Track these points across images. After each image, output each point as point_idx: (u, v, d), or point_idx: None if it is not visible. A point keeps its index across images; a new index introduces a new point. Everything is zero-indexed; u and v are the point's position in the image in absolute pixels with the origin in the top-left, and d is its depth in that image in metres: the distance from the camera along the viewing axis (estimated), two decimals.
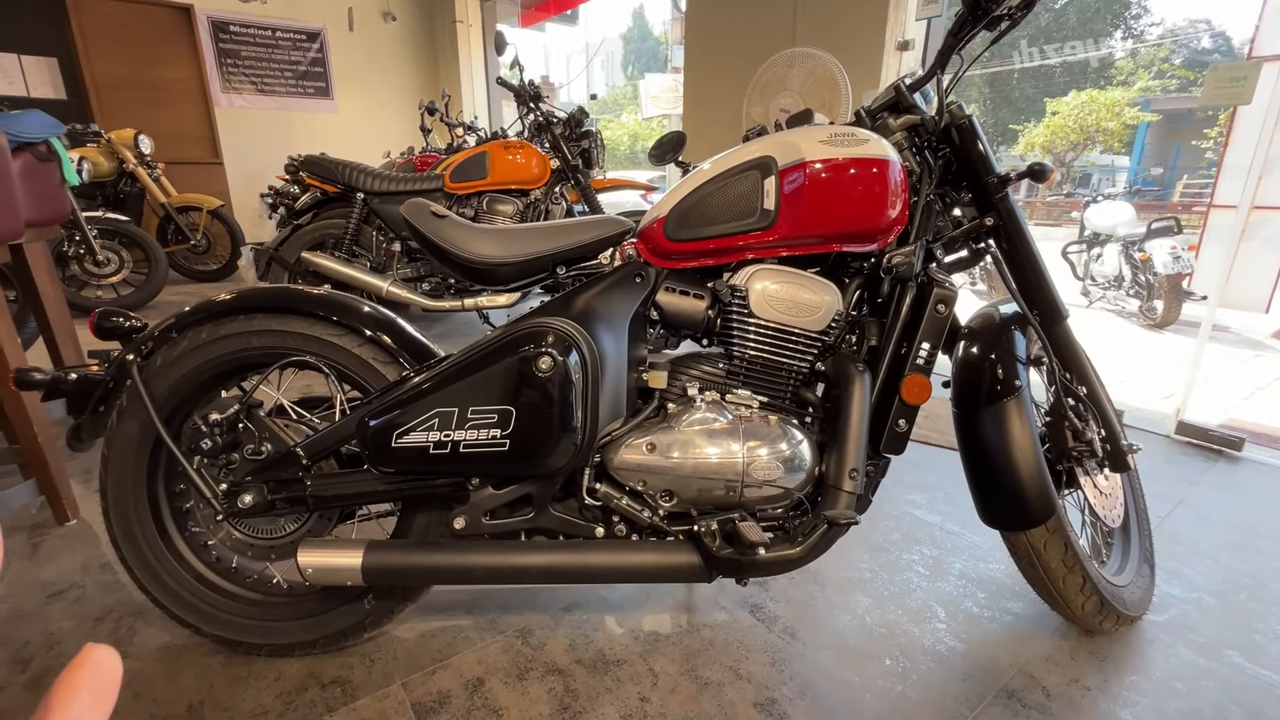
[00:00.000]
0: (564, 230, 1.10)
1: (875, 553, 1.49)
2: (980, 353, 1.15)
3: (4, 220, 1.41)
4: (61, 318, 1.95)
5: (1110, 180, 15.40)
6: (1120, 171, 17.18)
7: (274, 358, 1.07)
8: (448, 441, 0.95)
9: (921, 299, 1.08)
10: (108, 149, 4.13)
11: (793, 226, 1.02)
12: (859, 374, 1.05)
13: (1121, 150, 17.26)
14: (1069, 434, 1.16)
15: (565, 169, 2.88)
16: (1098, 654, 1.18)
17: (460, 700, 1.06)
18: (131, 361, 1.04)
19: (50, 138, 1.80)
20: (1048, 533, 1.09)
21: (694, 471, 1.02)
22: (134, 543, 1.10)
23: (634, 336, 1.09)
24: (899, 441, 1.08)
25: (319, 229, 2.88)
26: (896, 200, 1.03)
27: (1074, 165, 16.80)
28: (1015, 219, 1.13)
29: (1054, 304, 1.18)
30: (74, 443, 1.09)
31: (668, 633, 1.22)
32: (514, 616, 1.26)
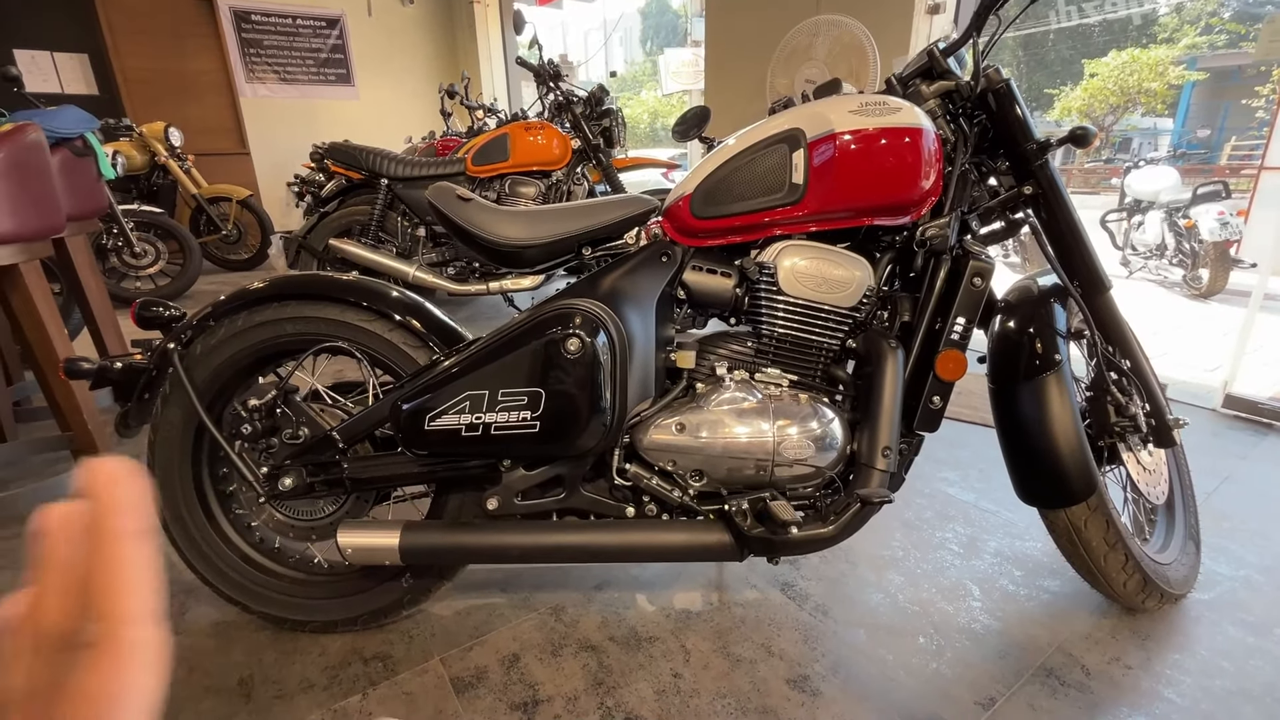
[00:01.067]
0: (589, 210, 1.09)
1: (908, 530, 1.47)
2: (1018, 326, 1.11)
3: (46, 215, 1.45)
4: (104, 309, 2.01)
5: (1152, 144, 14.73)
6: (1163, 134, 16.41)
7: (308, 344, 1.09)
8: (479, 424, 0.96)
9: (956, 272, 1.05)
10: (140, 143, 4.22)
11: (822, 201, 1.00)
12: (891, 350, 1.03)
13: (1164, 112, 16.46)
14: (1111, 409, 1.13)
15: (586, 149, 2.86)
16: (1140, 632, 1.16)
17: (497, 675, 1.09)
18: (172, 350, 1.07)
19: (86, 132, 1.84)
20: (1089, 510, 1.06)
21: (724, 451, 1.02)
22: (182, 525, 1.14)
23: (661, 316, 1.08)
24: (933, 419, 1.06)
25: (345, 216, 2.91)
26: (930, 170, 1.00)
27: (1114, 129, 16.12)
28: (1055, 186, 1.09)
29: (1096, 274, 1.14)
30: (122, 429, 1.13)
31: (699, 610, 1.23)
32: (547, 594, 1.28)
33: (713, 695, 1.04)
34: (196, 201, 4.40)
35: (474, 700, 1.04)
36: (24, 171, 1.39)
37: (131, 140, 4.21)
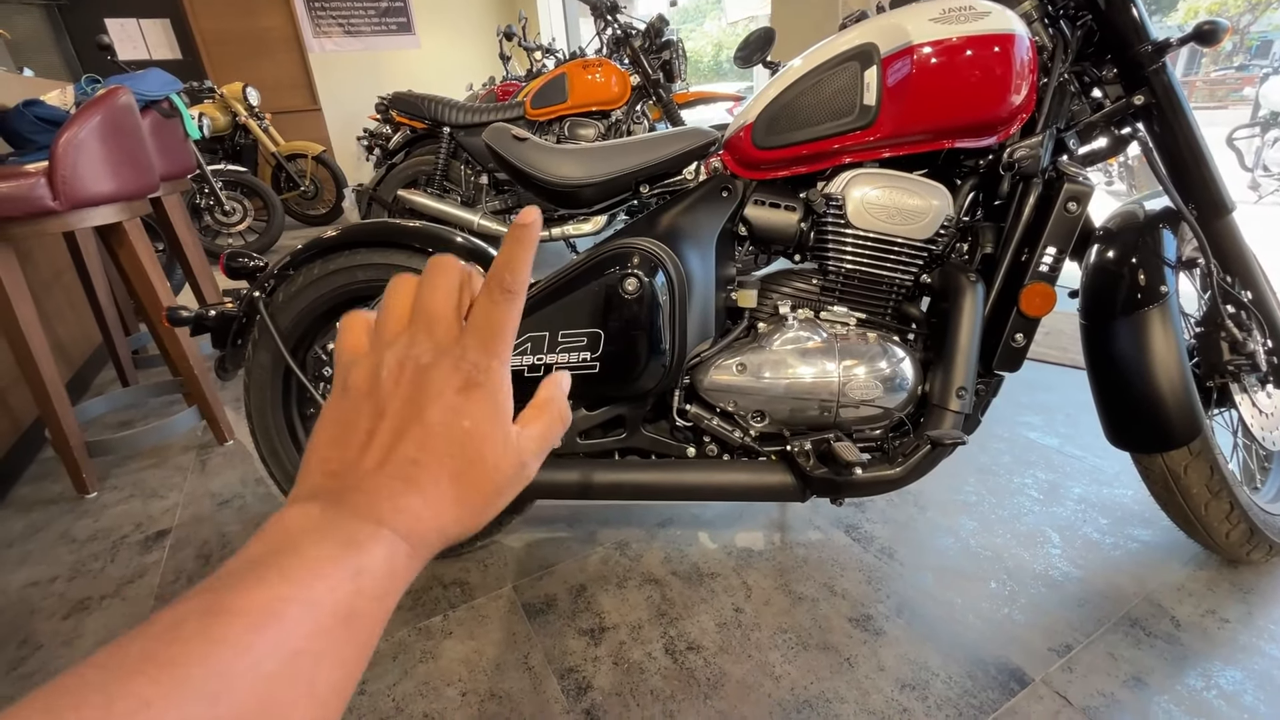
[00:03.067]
0: (646, 145, 1.06)
1: (983, 475, 1.42)
2: (1118, 256, 1.01)
3: (143, 175, 1.55)
4: (200, 263, 2.16)
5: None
6: None
7: (379, 290, 1.13)
8: (540, 364, 0.98)
9: (1048, 197, 0.96)
10: (222, 104, 4.42)
11: (897, 123, 0.93)
12: (970, 285, 0.96)
13: None
14: (1225, 345, 1.02)
15: (646, 84, 2.76)
16: (1241, 585, 1.08)
17: (565, 603, 1.15)
18: (258, 298, 1.13)
19: (171, 94, 1.94)
20: (1190, 455, 0.98)
21: (786, 392, 0.99)
22: (278, 460, 1.24)
23: (722, 254, 1.05)
24: (1015, 358, 1.00)
25: (411, 167, 2.96)
26: (1023, 83, 0.90)
27: (1250, 30, 14.00)
28: (1173, 95, 0.96)
29: (1216, 195, 1.01)
30: (220, 372, 1.23)
31: (760, 549, 1.24)
32: (611, 531, 1.32)
33: (774, 630, 1.06)
34: (276, 159, 4.60)
35: (544, 625, 1.10)
36: (119, 133, 1.48)
37: (214, 102, 4.41)
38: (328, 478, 0.26)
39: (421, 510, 0.25)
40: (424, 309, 0.28)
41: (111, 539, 1.42)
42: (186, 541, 1.39)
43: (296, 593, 0.21)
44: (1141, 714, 0.88)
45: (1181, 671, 0.94)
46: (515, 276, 0.27)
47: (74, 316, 2.23)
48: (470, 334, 0.27)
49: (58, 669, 1.08)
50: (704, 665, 1.00)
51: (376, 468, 0.25)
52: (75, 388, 2.14)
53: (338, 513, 0.24)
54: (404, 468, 0.25)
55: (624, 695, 0.96)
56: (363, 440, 0.26)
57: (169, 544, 1.39)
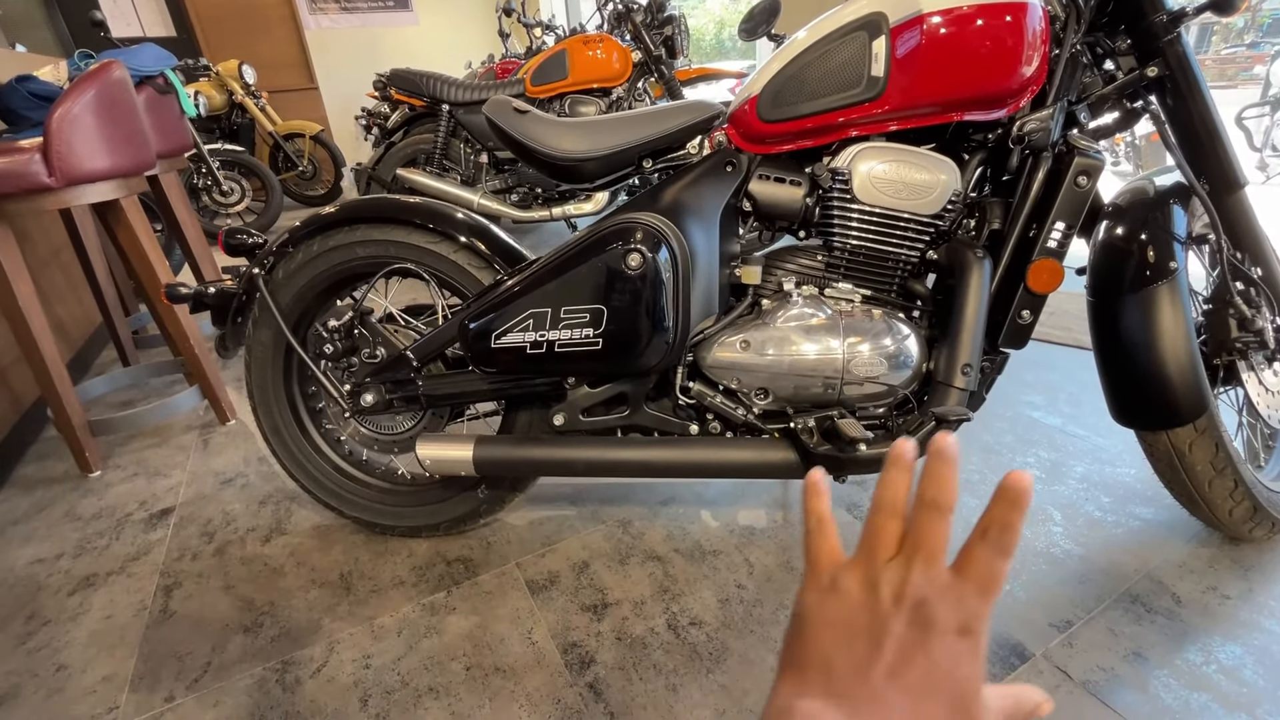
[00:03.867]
0: (649, 119, 1.04)
1: (986, 454, 1.41)
2: (1128, 231, 1.00)
3: (139, 152, 1.53)
4: (199, 243, 2.15)
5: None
6: None
7: (378, 266, 1.12)
8: (543, 341, 0.97)
9: (1058, 171, 0.94)
10: (218, 82, 4.36)
11: (906, 95, 0.91)
12: (978, 261, 0.95)
13: None
14: (1234, 323, 1.01)
15: (648, 60, 2.72)
16: (1242, 562, 1.08)
17: (568, 579, 1.15)
18: (258, 275, 1.12)
19: (165, 70, 1.91)
20: (1195, 433, 0.98)
21: (790, 369, 0.99)
22: (280, 438, 1.24)
23: (726, 230, 1.03)
24: (1021, 334, 0.99)
25: (410, 145, 2.93)
26: (1034, 54, 0.88)
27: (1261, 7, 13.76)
28: (1187, 66, 0.94)
29: (1228, 170, 0.99)
30: (221, 351, 1.22)
31: (763, 527, 1.25)
32: (614, 508, 1.33)
33: (776, 606, 1.06)
34: (273, 139, 4.55)
35: (548, 601, 1.11)
36: (114, 108, 1.46)
37: (210, 80, 4.35)
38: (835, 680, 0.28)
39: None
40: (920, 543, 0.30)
41: (116, 517, 1.43)
42: (190, 519, 1.40)
43: None
44: (1141, 688, 0.89)
45: (1181, 647, 0.94)
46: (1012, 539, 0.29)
47: (73, 296, 2.23)
48: (969, 580, 0.29)
49: (64, 644, 1.09)
50: (706, 640, 1.01)
51: (887, 684, 0.27)
52: (76, 367, 2.14)
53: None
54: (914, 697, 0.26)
55: (627, 669, 0.97)
56: (868, 652, 0.28)
57: (173, 522, 1.39)
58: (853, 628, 0.29)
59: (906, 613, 0.28)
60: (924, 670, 0.27)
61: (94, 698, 0.99)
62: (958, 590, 0.29)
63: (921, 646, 0.27)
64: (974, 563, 0.29)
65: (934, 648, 0.27)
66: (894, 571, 0.30)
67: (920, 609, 0.28)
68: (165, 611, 1.15)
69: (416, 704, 0.94)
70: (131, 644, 1.08)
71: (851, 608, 0.29)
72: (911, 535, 0.30)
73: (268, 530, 1.34)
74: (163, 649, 1.07)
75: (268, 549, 1.29)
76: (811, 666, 0.28)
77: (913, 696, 0.26)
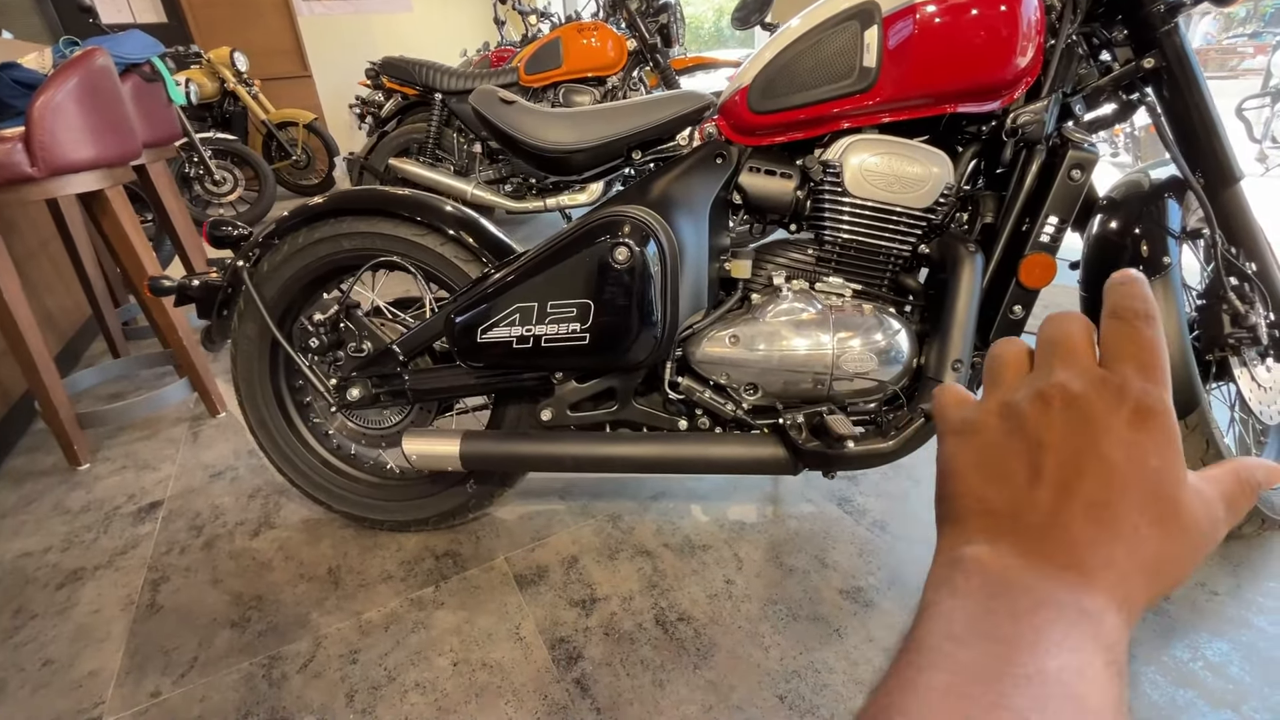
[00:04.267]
0: (638, 110, 1.02)
1: None
2: (1121, 226, 0.99)
3: (123, 140, 1.51)
4: (189, 234, 2.12)
5: None
6: None
7: (365, 259, 1.11)
8: (529, 336, 0.96)
9: (1051, 165, 0.93)
10: (209, 69, 4.30)
11: (898, 86, 0.89)
12: (970, 255, 0.94)
13: None
14: (1227, 318, 1.00)
15: (643, 49, 2.68)
16: (1230, 559, 1.08)
17: (557, 574, 1.15)
18: (242, 267, 1.11)
19: (152, 57, 1.88)
20: (1186, 429, 0.97)
21: (780, 364, 0.98)
22: (267, 431, 1.23)
23: (716, 223, 1.02)
24: (1013, 330, 0.98)
25: (403, 134, 2.90)
26: (1028, 45, 0.87)
27: None
28: (1184, 58, 0.93)
29: (1224, 164, 0.98)
30: (207, 344, 1.21)
31: (753, 522, 1.24)
32: (604, 503, 1.32)
33: (764, 601, 1.06)
34: (266, 128, 4.50)
35: (536, 596, 1.11)
36: (98, 97, 1.44)
37: (201, 68, 4.30)
38: (997, 518, 0.23)
39: (1127, 564, 0.21)
40: (1053, 340, 0.25)
41: (104, 510, 1.42)
42: (179, 513, 1.39)
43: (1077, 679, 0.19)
44: (1129, 684, 0.89)
45: (1169, 643, 0.94)
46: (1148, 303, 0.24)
47: (62, 287, 2.21)
48: (1121, 361, 0.24)
49: (51, 638, 1.09)
50: (694, 636, 1.01)
51: (1059, 505, 0.22)
52: (66, 359, 2.13)
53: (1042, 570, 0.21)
54: (1094, 510, 0.22)
55: (614, 665, 0.97)
56: (1027, 474, 0.23)
57: (162, 515, 1.39)
58: (1001, 456, 0.24)
59: (1059, 417, 0.23)
60: (1100, 475, 0.22)
61: (80, 692, 0.99)
62: (1112, 376, 0.23)
63: (1091, 449, 0.22)
64: (1120, 341, 0.24)
65: (1106, 446, 0.22)
66: (1031, 383, 0.25)
67: (1074, 406, 0.23)
68: (153, 606, 1.14)
69: (403, 699, 0.94)
70: (118, 638, 1.08)
71: (994, 436, 0.25)
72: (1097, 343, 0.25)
73: (256, 524, 1.33)
74: (150, 643, 1.07)
75: (256, 543, 1.28)
76: (968, 514, 0.24)
77: (1094, 507, 0.22)
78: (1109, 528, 0.21)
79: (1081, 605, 0.20)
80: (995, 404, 0.26)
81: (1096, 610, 0.20)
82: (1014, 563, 0.22)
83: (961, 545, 0.23)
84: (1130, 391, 0.23)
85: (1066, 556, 0.21)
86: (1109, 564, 0.21)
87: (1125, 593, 0.21)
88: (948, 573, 0.23)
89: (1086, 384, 0.23)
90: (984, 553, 0.22)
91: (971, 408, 0.27)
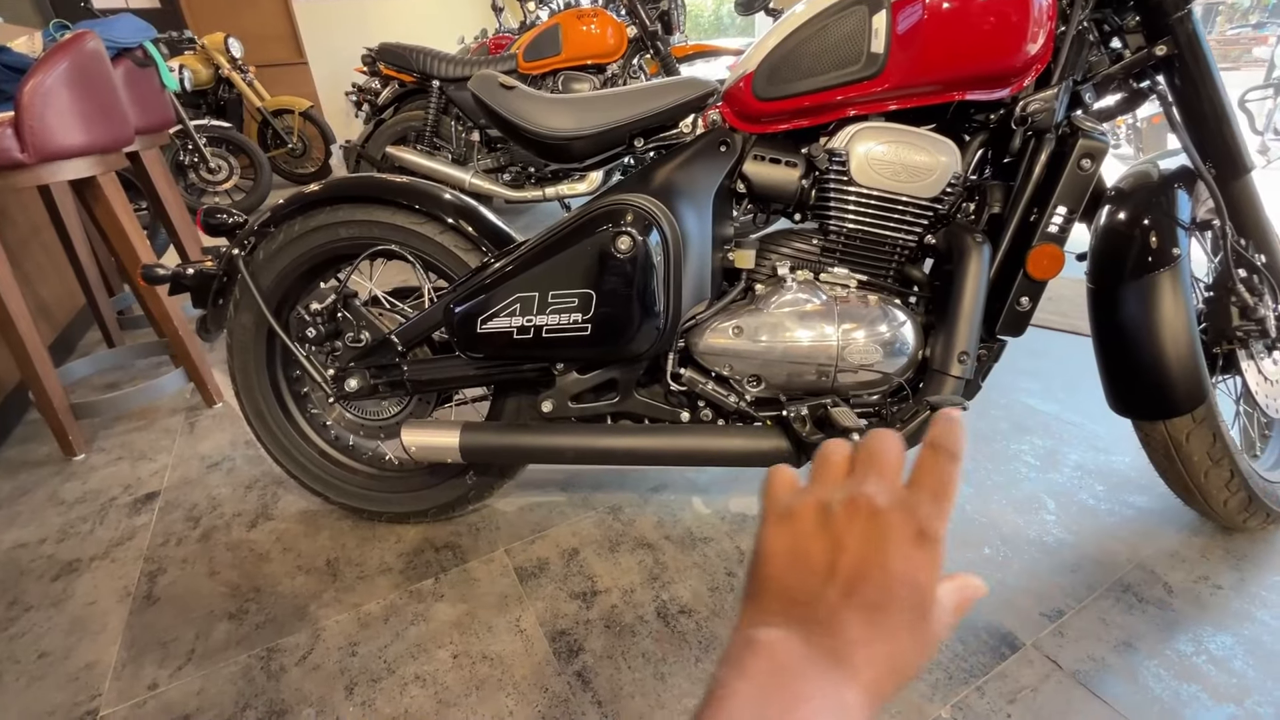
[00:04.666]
0: (640, 96, 1.00)
1: (980, 442, 1.40)
2: (1130, 216, 0.97)
3: (115, 126, 1.48)
4: (184, 222, 2.10)
5: None
6: None
7: (362, 248, 1.09)
8: (530, 326, 0.94)
9: (1061, 154, 0.91)
10: (203, 56, 4.25)
11: (906, 73, 0.88)
12: (976, 246, 0.93)
13: None
14: (1235, 310, 0.99)
15: (643, 36, 2.65)
16: (1234, 552, 1.08)
17: (557, 567, 1.14)
18: (237, 255, 1.09)
19: (144, 41, 1.85)
20: (1193, 423, 0.96)
21: (783, 356, 0.97)
22: (264, 422, 1.22)
23: (719, 212, 1.01)
24: (1019, 321, 0.97)
25: (401, 122, 2.87)
26: (1040, 31, 0.85)
27: None
28: (1197, 45, 0.91)
29: (1235, 154, 0.97)
30: (202, 333, 1.20)
31: (755, 514, 1.23)
32: (605, 495, 1.31)
33: None
34: (261, 115, 4.45)
35: (536, 588, 1.10)
36: (88, 81, 1.41)
37: (195, 54, 4.25)
38: (793, 605, 0.27)
39: (885, 664, 0.25)
40: (873, 456, 0.30)
41: (100, 501, 1.41)
42: (176, 504, 1.38)
43: None
44: (1131, 678, 0.88)
45: (1172, 637, 0.94)
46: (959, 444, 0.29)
47: (56, 276, 2.18)
48: (921, 489, 0.29)
49: (47, 630, 1.08)
50: (696, 629, 1.00)
51: (843, 603, 0.26)
52: (59, 349, 2.11)
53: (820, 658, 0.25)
54: (870, 613, 0.26)
55: (615, 658, 0.96)
56: (823, 570, 0.27)
57: (158, 506, 1.38)
58: (807, 551, 0.28)
59: (861, 525, 0.28)
60: (880, 584, 0.26)
61: (76, 685, 0.98)
62: (912, 498, 0.28)
63: (877, 560, 0.27)
64: (925, 471, 0.29)
65: (890, 559, 0.27)
66: (847, 489, 0.29)
67: (875, 519, 0.28)
68: (149, 597, 1.13)
69: (403, 692, 0.93)
70: (115, 630, 1.07)
71: (806, 530, 0.29)
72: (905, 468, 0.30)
73: (254, 515, 1.32)
74: (147, 635, 1.06)
75: (254, 534, 1.27)
76: (769, 595, 0.28)
77: (869, 610, 0.26)
78: (879, 629, 0.26)
79: (843, 698, 0.24)
80: (815, 500, 0.30)
81: (853, 703, 0.24)
82: (798, 650, 0.25)
83: (759, 624, 0.27)
84: (919, 515, 0.28)
85: (841, 652, 0.25)
86: (871, 663, 0.25)
87: (878, 688, 0.25)
88: (739, 652, 0.26)
89: (889, 500, 0.28)
90: (775, 638, 0.26)
91: (796, 495, 0.31)
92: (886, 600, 0.26)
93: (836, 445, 0.33)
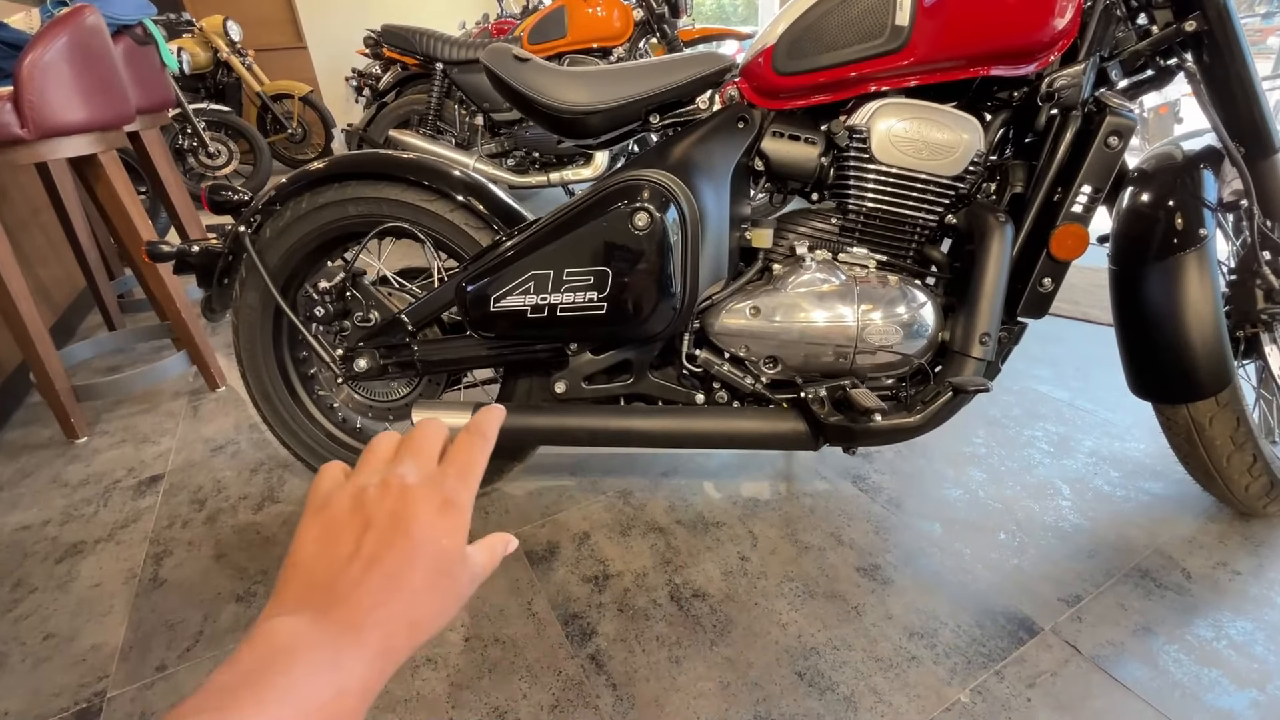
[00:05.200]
0: (657, 70, 0.98)
1: (992, 428, 1.39)
2: (1155, 197, 0.95)
3: (115, 102, 1.46)
4: (185, 205, 2.07)
5: None
6: None
7: (371, 226, 1.07)
8: (544, 305, 0.93)
9: (1087, 132, 0.89)
10: (202, 38, 4.20)
11: (931, 46, 0.85)
12: (999, 225, 0.91)
13: None
14: (1260, 293, 0.97)
15: (650, 19, 2.62)
16: (1253, 538, 1.07)
17: (569, 551, 1.13)
18: (244, 233, 1.07)
19: (144, 19, 1.81)
20: (1217, 406, 0.95)
21: (801, 337, 0.95)
22: (271, 404, 1.20)
23: (737, 190, 0.99)
24: (1041, 303, 0.95)
25: (404, 106, 2.84)
26: (1068, 5, 0.83)
27: None
28: (1228, 20, 0.89)
29: (1264, 134, 0.95)
30: (208, 314, 1.18)
31: (766, 499, 1.22)
32: (615, 479, 1.30)
33: (780, 578, 1.05)
34: (261, 99, 4.41)
35: (548, 572, 1.09)
36: (88, 56, 1.38)
37: (193, 37, 4.20)
38: (313, 590, 0.27)
39: (399, 622, 0.27)
40: (410, 443, 0.33)
41: (104, 484, 1.39)
42: (180, 486, 1.37)
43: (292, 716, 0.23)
44: (1151, 663, 0.87)
45: (1192, 622, 0.93)
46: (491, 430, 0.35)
47: (56, 258, 2.16)
48: (450, 464, 0.32)
49: (52, 612, 1.07)
50: (710, 612, 0.99)
51: (364, 576, 0.27)
52: (60, 332, 2.08)
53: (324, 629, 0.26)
54: (388, 579, 0.27)
55: (629, 641, 0.95)
56: (349, 550, 0.28)
57: (163, 489, 1.36)
58: (338, 535, 0.29)
59: (390, 502, 0.29)
60: (403, 551, 0.28)
61: (83, 666, 0.97)
62: (439, 474, 0.31)
63: (402, 530, 0.28)
64: (458, 449, 0.33)
65: (414, 528, 0.29)
66: (382, 472, 0.31)
67: (404, 495, 0.30)
68: (155, 580, 1.12)
69: (414, 675, 0.92)
70: (121, 612, 1.06)
71: (340, 515, 0.30)
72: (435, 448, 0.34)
73: (260, 498, 1.31)
74: (153, 617, 1.05)
75: (260, 517, 1.26)
76: (291, 585, 0.28)
77: (390, 577, 0.27)
78: (397, 593, 0.27)
79: (338, 660, 0.25)
80: (353, 486, 0.31)
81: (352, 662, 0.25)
82: (300, 630, 0.25)
83: (272, 615, 0.26)
84: (445, 487, 0.31)
85: (350, 620, 0.26)
86: (383, 623, 0.26)
87: (390, 643, 0.27)
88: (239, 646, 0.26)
89: (419, 477, 0.31)
90: (279, 624, 0.26)
91: (338, 486, 0.31)
92: (407, 566, 0.28)
93: (386, 436, 0.35)
